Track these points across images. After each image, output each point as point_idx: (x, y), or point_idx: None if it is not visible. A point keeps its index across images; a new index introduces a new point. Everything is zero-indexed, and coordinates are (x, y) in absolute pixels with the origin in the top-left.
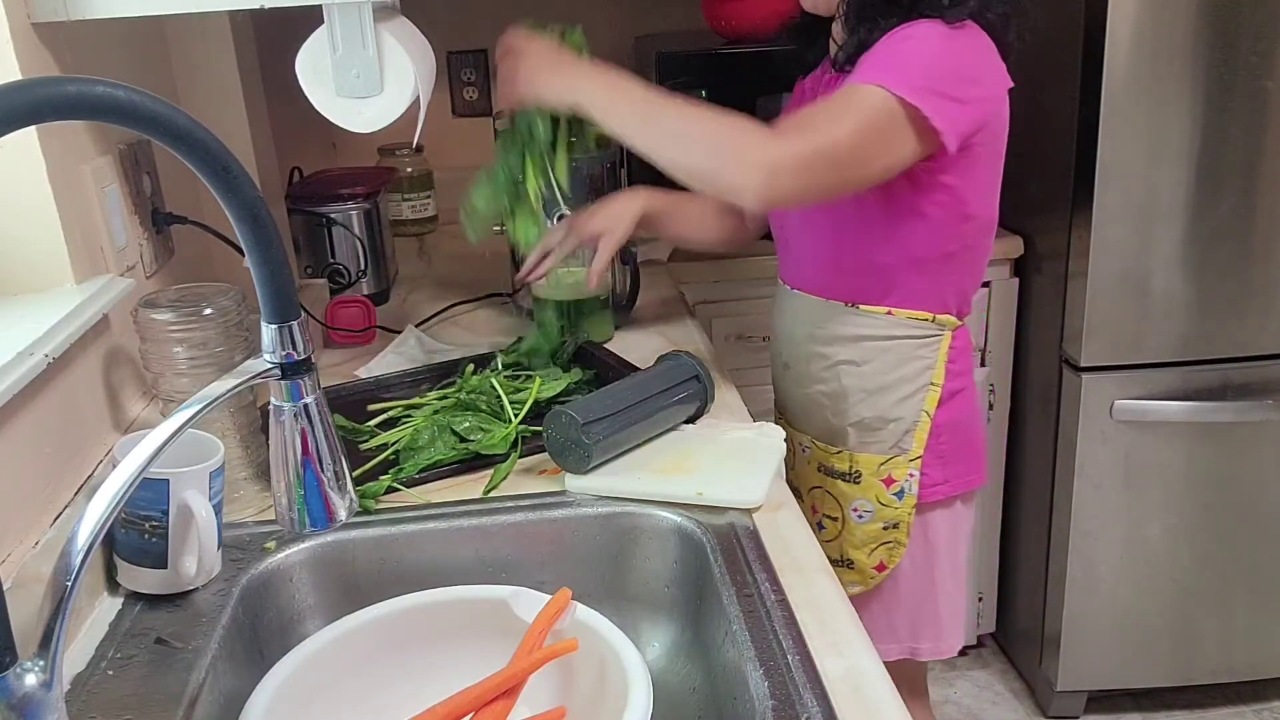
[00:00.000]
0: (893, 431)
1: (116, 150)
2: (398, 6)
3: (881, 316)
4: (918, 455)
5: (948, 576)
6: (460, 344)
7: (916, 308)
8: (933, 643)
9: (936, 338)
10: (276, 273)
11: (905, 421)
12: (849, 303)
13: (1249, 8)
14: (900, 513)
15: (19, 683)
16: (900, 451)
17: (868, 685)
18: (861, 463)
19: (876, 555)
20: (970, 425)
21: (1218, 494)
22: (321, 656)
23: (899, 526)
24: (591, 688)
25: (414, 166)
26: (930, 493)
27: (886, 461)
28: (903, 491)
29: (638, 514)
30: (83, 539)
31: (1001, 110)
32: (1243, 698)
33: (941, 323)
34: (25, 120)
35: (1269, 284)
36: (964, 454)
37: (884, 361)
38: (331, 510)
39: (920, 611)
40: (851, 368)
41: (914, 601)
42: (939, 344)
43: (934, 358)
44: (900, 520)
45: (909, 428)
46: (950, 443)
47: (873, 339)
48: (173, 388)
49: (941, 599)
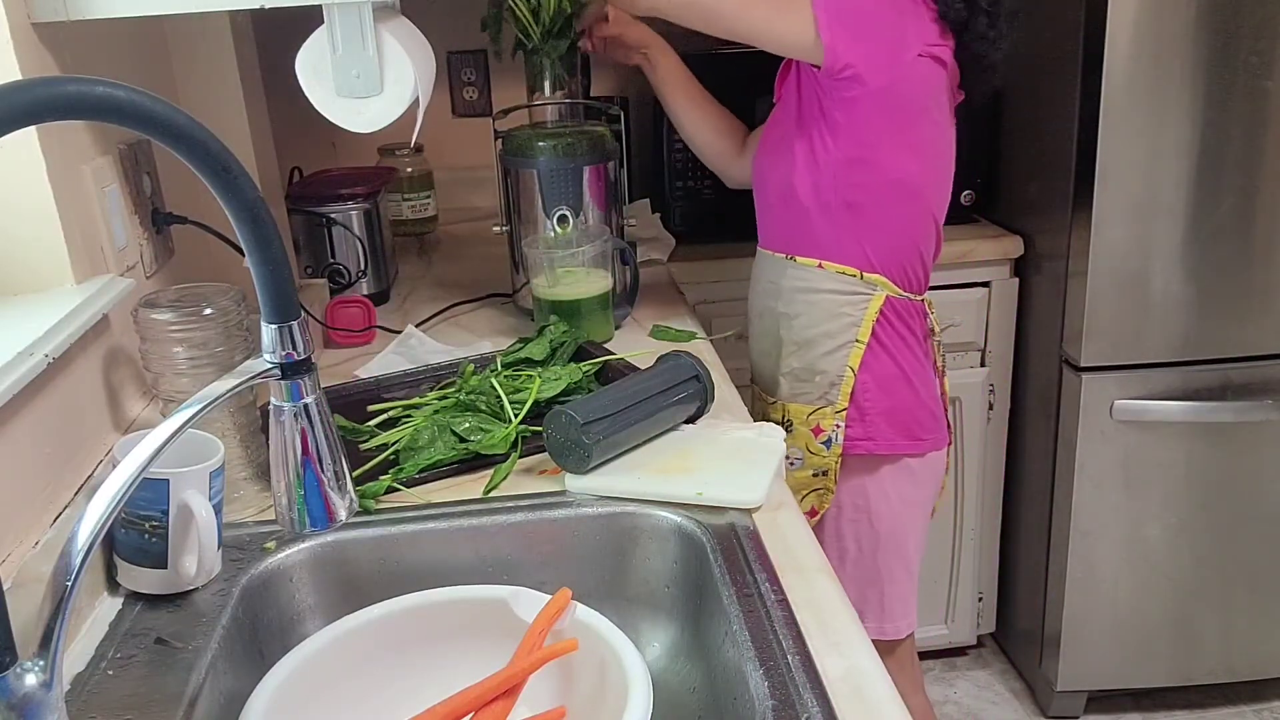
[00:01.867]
0: (819, 384)
1: (116, 150)
2: (398, 6)
3: (813, 270)
4: (843, 407)
5: (893, 559)
6: (460, 344)
7: (844, 262)
8: (876, 623)
9: (864, 296)
10: (276, 273)
11: (830, 374)
12: (788, 255)
13: (1249, 8)
14: (828, 461)
15: (19, 683)
16: (827, 403)
17: (868, 685)
18: (792, 412)
19: (808, 501)
20: (902, 394)
21: (1218, 494)
22: (321, 656)
23: (827, 474)
24: (591, 688)
25: (414, 166)
26: (853, 445)
27: (815, 411)
28: (830, 440)
29: (638, 514)
30: (83, 539)
31: (903, 70)
32: (1243, 698)
33: (871, 281)
34: (25, 120)
35: (1269, 284)
36: (892, 416)
37: (812, 315)
38: (331, 510)
39: (864, 595)
40: (785, 320)
41: (858, 585)
42: (866, 303)
43: (859, 315)
44: (828, 468)
45: (835, 380)
46: (875, 403)
47: (804, 291)
48: (173, 388)
49: (887, 583)
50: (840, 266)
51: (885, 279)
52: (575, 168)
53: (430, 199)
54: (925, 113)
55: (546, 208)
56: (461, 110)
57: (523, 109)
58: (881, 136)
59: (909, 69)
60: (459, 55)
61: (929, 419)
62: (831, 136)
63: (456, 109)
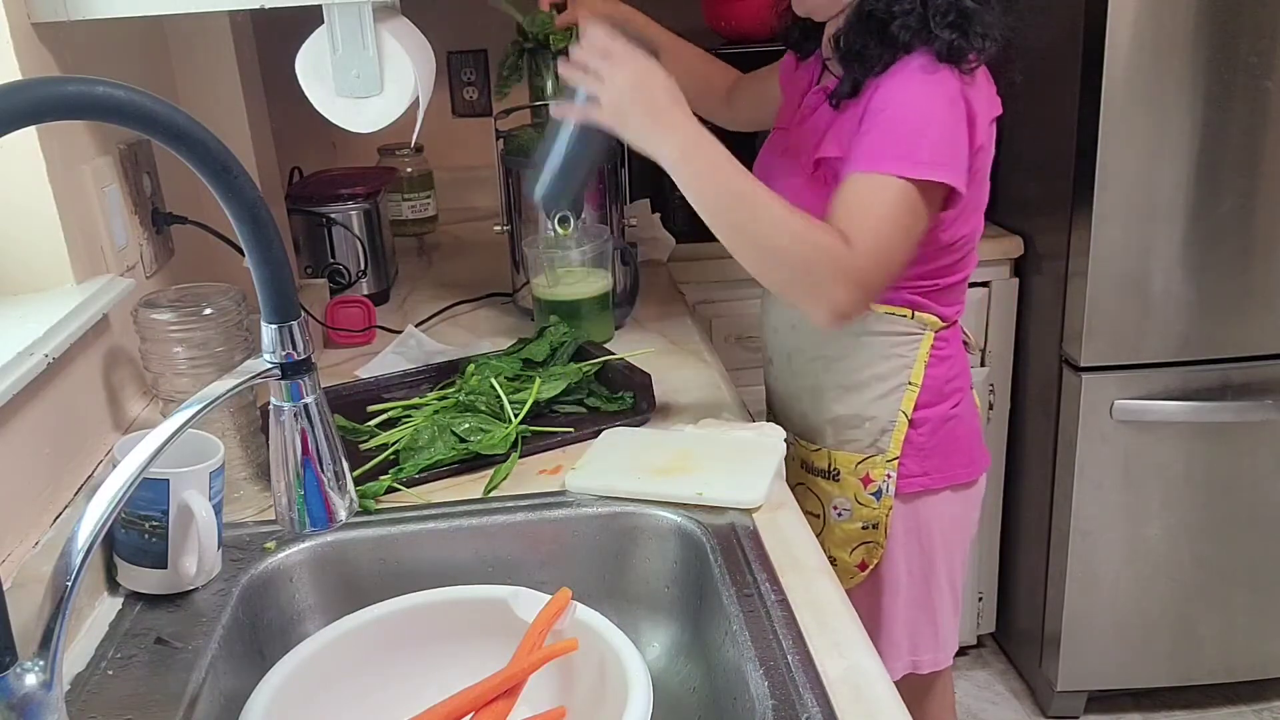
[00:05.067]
0: (869, 430)
1: (116, 150)
2: (398, 6)
3: None
4: (895, 456)
5: (944, 586)
6: (460, 344)
7: (894, 304)
8: (933, 654)
9: (916, 336)
10: (276, 273)
11: (881, 420)
12: None
13: (1249, 8)
14: (878, 513)
15: (19, 683)
16: (878, 450)
17: (868, 685)
18: (839, 460)
19: (858, 554)
20: (956, 424)
21: (1218, 494)
22: (321, 656)
23: (877, 527)
24: (591, 688)
25: (414, 166)
26: (908, 484)
27: (864, 460)
28: (880, 492)
29: (638, 514)
30: (83, 539)
31: (992, 135)
32: (1243, 698)
33: (922, 321)
34: (25, 120)
35: (1269, 284)
36: (947, 449)
37: (860, 358)
38: (331, 510)
39: (918, 625)
40: (827, 363)
41: (911, 615)
42: (919, 343)
43: (912, 357)
44: (878, 521)
45: (885, 427)
46: (931, 439)
47: (849, 333)
48: (173, 388)
49: (939, 610)
50: (890, 308)
51: (935, 316)
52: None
53: (430, 199)
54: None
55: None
56: (461, 110)
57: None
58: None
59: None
60: (459, 55)
61: (976, 441)
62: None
63: (456, 109)
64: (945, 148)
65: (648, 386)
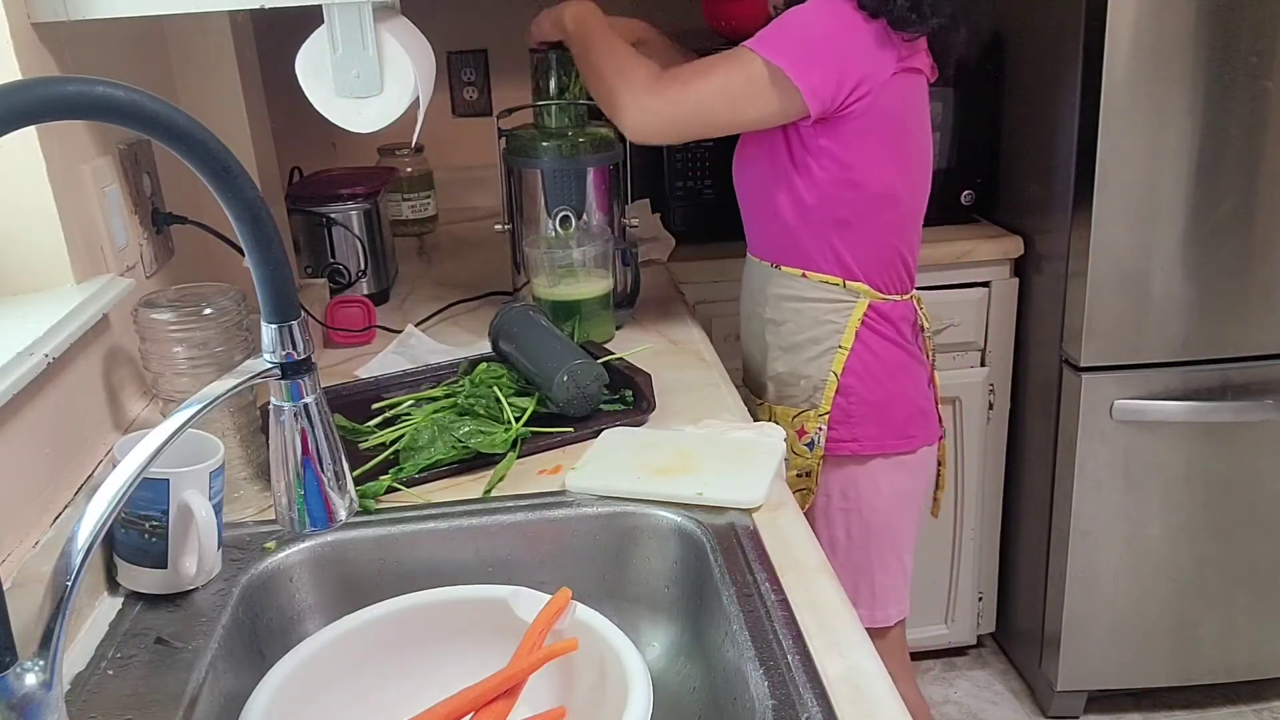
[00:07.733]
0: (804, 388)
1: (116, 150)
2: (398, 6)
3: (797, 279)
4: (826, 410)
5: (888, 553)
6: (460, 344)
7: (827, 272)
8: (868, 610)
9: (847, 304)
10: (276, 273)
11: (814, 379)
12: (773, 264)
13: (1249, 8)
14: (810, 462)
15: (19, 683)
16: (811, 406)
17: (868, 685)
18: (778, 414)
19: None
20: (888, 395)
21: (1218, 494)
22: (321, 656)
23: (810, 475)
24: (591, 688)
25: (414, 166)
26: (835, 447)
27: (799, 414)
28: (813, 443)
29: (638, 514)
30: (83, 539)
31: (883, 90)
32: (1243, 698)
33: (854, 290)
34: (25, 120)
35: (1269, 284)
36: (876, 419)
37: (798, 322)
38: (331, 510)
39: (856, 583)
40: (772, 326)
41: (850, 574)
42: (850, 310)
43: (843, 323)
44: (811, 469)
45: (818, 385)
46: (858, 406)
47: (789, 299)
48: (173, 388)
49: (879, 571)
50: (824, 276)
51: (867, 286)
52: (579, 168)
53: (430, 199)
54: (904, 126)
55: (549, 208)
56: (461, 110)
57: (526, 108)
58: (866, 157)
59: (885, 88)
60: (459, 55)
61: (918, 416)
62: (815, 161)
63: (456, 109)
64: (802, 48)
65: (648, 386)
